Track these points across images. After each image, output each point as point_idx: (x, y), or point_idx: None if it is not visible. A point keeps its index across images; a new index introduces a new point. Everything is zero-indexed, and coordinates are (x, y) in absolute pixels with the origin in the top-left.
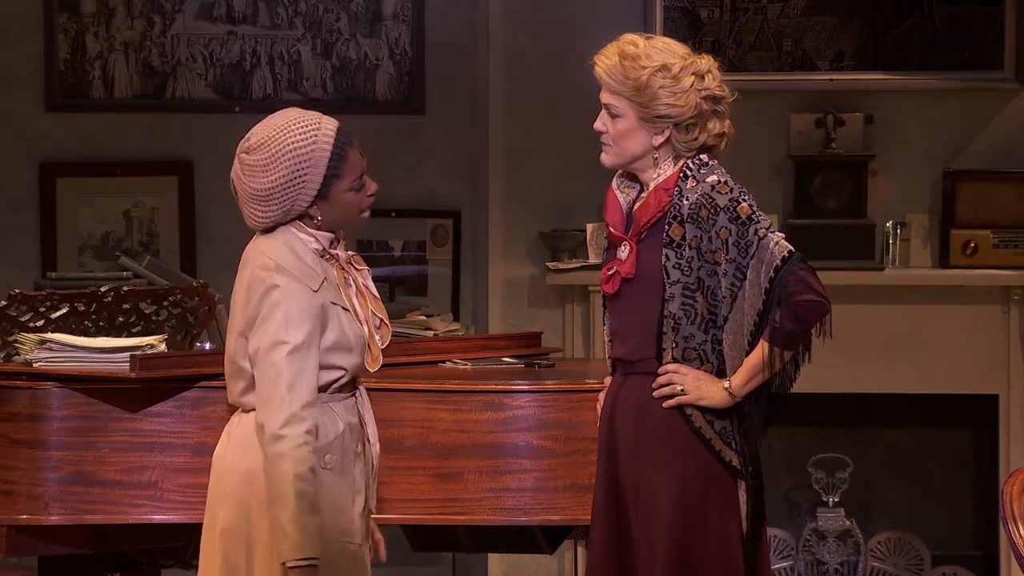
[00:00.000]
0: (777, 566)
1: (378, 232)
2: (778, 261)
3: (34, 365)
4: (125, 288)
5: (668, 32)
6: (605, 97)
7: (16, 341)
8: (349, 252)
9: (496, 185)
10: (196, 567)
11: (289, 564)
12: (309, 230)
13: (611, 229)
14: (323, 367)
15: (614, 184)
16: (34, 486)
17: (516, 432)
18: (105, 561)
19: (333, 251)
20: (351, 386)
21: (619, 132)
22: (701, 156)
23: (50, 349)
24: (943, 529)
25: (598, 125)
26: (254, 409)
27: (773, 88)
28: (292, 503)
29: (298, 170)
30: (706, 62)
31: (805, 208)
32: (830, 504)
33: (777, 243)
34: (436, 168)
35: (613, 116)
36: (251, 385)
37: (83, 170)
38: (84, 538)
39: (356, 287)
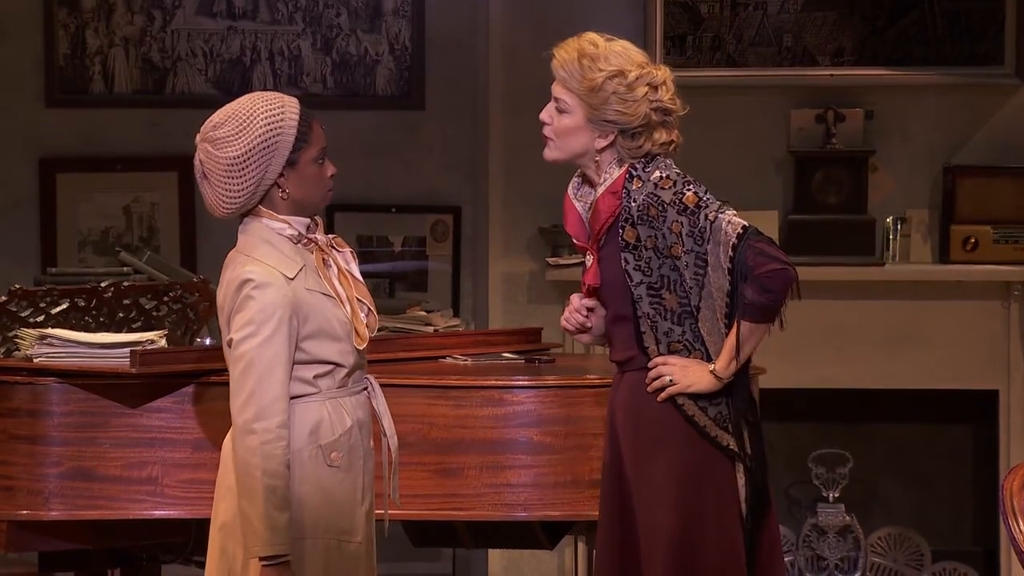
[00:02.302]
0: None
1: (378, 228)
2: (734, 239)
3: (34, 361)
4: (125, 284)
5: (668, 28)
6: (556, 91)
7: (16, 336)
8: (330, 235)
9: (496, 181)
10: (196, 562)
11: (262, 563)
12: (281, 216)
13: (574, 240)
14: (312, 360)
15: (570, 192)
16: (34, 481)
17: (516, 428)
18: (105, 557)
19: (311, 235)
20: (359, 379)
21: (563, 128)
22: (646, 159)
23: (50, 345)
24: (943, 525)
25: (544, 116)
26: None
27: (773, 83)
28: (260, 499)
29: (271, 131)
30: (662, 73)
31: (805, 203)
32: (830, 500)
33: (729, 222)
34: (436, 164)
35: (560, 111)
36: None
37: (83, 166)
38: (84, 534)
39: (337, 269)
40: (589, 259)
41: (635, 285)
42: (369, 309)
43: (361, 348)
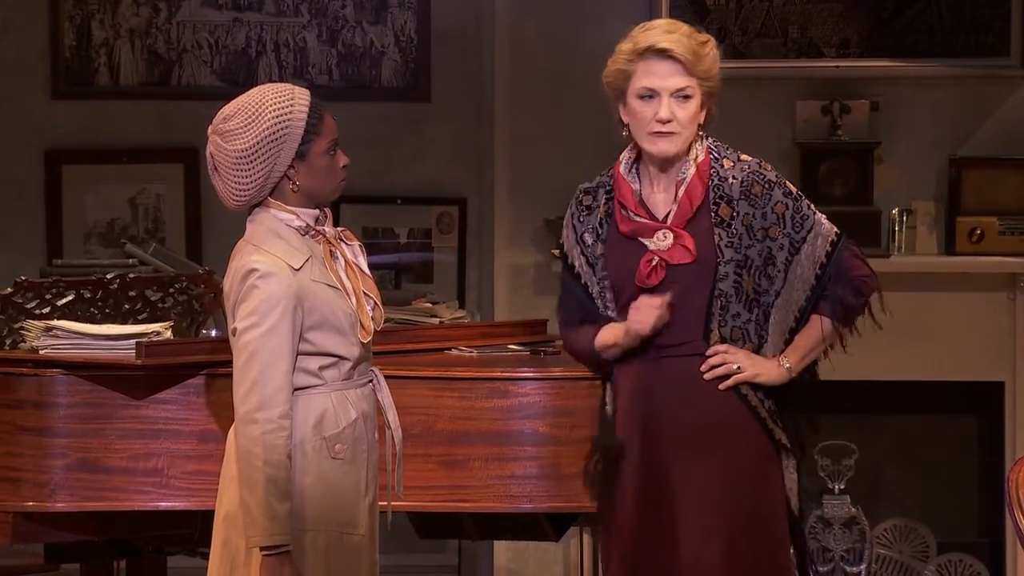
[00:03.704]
0: None
1: (383, 219)
2: (833, 236)
3: (40, 352)
4: (131, 275)
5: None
6: (678, 81)
7: (22, 328)
8: (339, 228)
9: (502, 172)
10: (202, 554)
11: (263, 553)
12: (289, 208)
13: (638, 219)
14: (316, 352)
15: (628, 176)
16: (40, 473)
17: (522, 419)
18: (111, 548)
19: (319, 227)
20: (364, 372)
21: (690, 115)
22: (716, 139)
23: (56, 336)
24: (949, 516)
25: (665, 114)
26: None
27: (779, 75)
28: (261, 489)
29: (280, 124)
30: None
31: (811, 195)
32: (836, 491)
33: (826, 219)
34: (441, 155)
35: (686, 98)
36: None
37: (89, 157)
38: (90, 525)
39: (345, 261)
40: (665, 238)
41: (725, 262)
42: (375, 303)
43: (365, 341)
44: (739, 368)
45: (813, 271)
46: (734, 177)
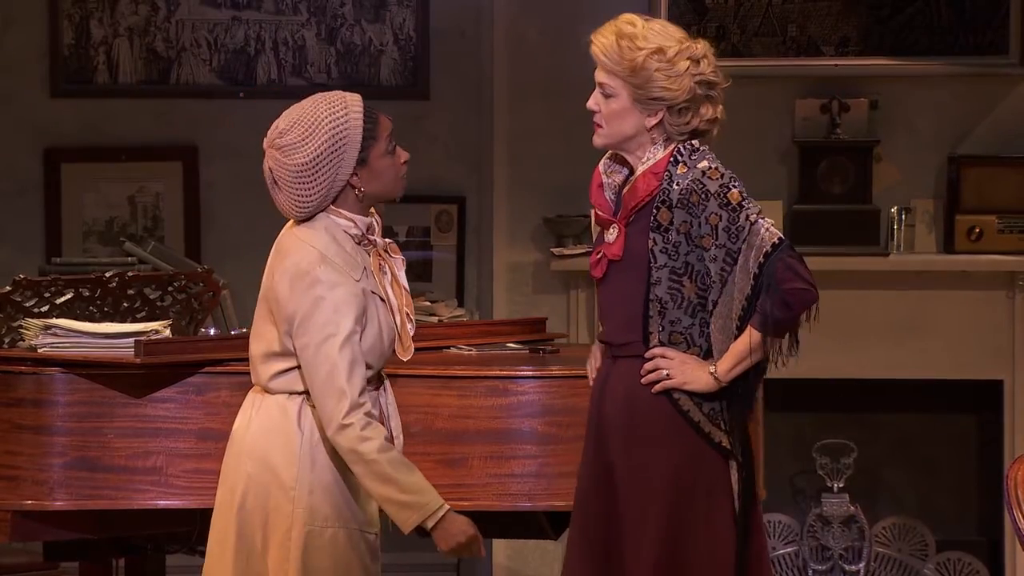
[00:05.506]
0: (781, 551)
1: (382, 217)
2: (768, 247)
3: (39, 351)
4: (130, 273)
5: (673, 18)
6: (600, 76)
7: (21, 326)
8: (387, 240)
9: (501, 171)
10: (201, 552)
11: (430, 526)
12: (347, 214)
13: (598, 212)
14: None
15: (601, 167)
16: (39, 471)
17: (521, 418)
18: (110, 546)
19: (371, 236)
20: (377, 379)
21: (612, 112)
22: (692, 142)
23: (55, 335)
24: (948, 514)
25: (591, 104)
26: (283, 393)
27: (778, 73)
28: (394, 475)
29: (337, 135)
30: (702, 47)
31: (810, 193)
32: (835, 490)
33: (768, 229)
34: (441, 154)
35: (607, 96)
36: (287, 371)
37: (88, 155)
38: (89, 523)
39: (391, 275)
40: (613, 232)
41: (658, 267)
42: (412, 321)
43: (405, 359)
44: (668, 375)
45: (748, 282)
46: (678, 184)
